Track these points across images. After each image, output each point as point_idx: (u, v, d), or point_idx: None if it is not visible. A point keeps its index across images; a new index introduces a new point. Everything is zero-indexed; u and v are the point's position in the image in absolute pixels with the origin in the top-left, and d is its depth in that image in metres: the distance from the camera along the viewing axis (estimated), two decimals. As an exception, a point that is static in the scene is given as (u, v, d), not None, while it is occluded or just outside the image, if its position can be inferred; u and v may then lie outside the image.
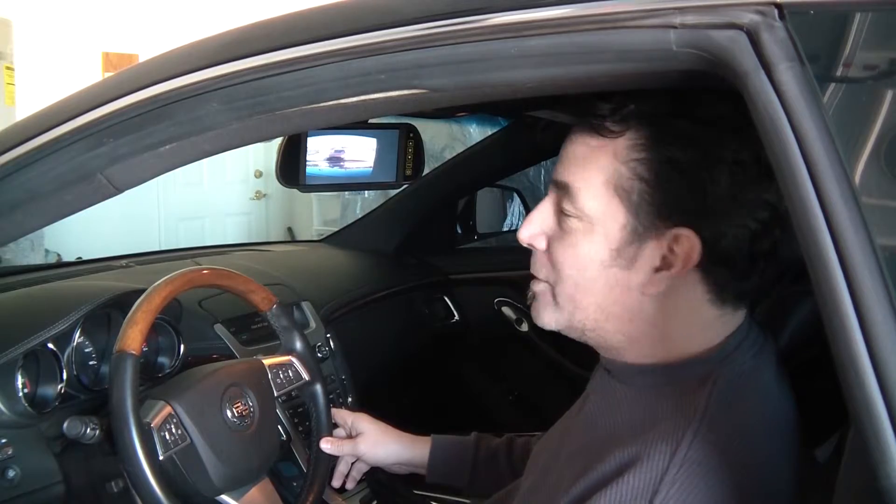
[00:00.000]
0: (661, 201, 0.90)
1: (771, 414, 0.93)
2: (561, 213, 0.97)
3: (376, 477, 1.80)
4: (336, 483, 1.58)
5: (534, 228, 1.01)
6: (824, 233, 0.63)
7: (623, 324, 0.97)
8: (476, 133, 4.04)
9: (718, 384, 0.90)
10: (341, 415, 1.59)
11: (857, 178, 0.64)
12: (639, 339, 0.98)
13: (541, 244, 1.01)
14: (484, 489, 1.46)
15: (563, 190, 0.96)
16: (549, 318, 1.02)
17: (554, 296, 1.00)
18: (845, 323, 0.62)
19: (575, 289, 0.98)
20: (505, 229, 2.63)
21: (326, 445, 1.52)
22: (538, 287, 1.03)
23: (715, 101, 0.86)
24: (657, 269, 0.93)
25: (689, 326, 0.95)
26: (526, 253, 1.06)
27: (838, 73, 0.69)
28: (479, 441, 1.51)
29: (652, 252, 0.93)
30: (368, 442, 1.53)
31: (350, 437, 1.55)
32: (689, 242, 0.90)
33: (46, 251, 4.79)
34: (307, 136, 1.60)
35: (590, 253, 0.95)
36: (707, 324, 0.95)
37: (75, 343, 1.42)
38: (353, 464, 1.58)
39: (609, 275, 0.95)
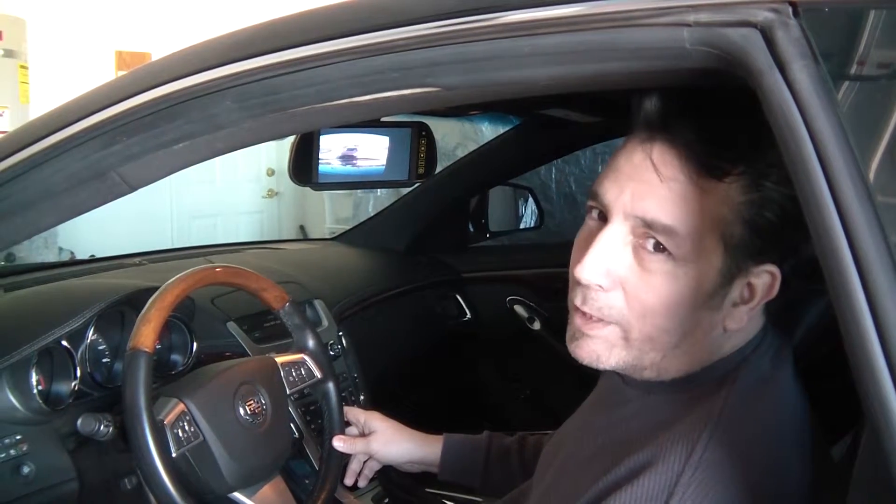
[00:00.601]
0: (759, 242, 0.87)
1: (787, 415, 0.92)
2: (642, 250, 0.89)
3: (388, 475, 1.80)
4: (348, 481, 1.59)
5: (601, 268, 0.90)
6: (839, 231, 0.63)
7: (681, 356, 0.94)
8: (488, 131, 4.04)
9: (736, 387, 0.89)
10: (353, 413, 1.59)
11: (871, 177, 0.64)
12: (674, 363, 0.95)
13: (606, 283, 0.91)
14: (496, 488, 1.46)
15: (659, 231, 0.87)
16: (615, 359, 0.94)
17: (628, 339, 0.92)
18: (859, 321, 0.61)
19: (656, 330, 0.91)
20: (517, 228, 2.63)
21: (339, 444, 1.52)
22: (601, 331, 0.93)
23: None
24: (734, 304, 0.91)
25: (719, 344, 0.94)
26: (538, 251, 1.05)
27: (853, 72, 0.69)
28: (491, 440, 1.51)
29: (736, 289, 0.90)
30: (381, 440, 1.53)
31: (362, 435, 1.55)
32: (771, 277, 0.89)
33: (60, 249, 4.81)
34: (320, 135, 1.60)
35: (681, 295, 0.88)
36: (734, 338, 0.94)
37: (89, 340, 1.43)
38: (365, 462, 1.58)
39: (697, 316, 0.90)
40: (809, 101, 0.65)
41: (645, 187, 0.87)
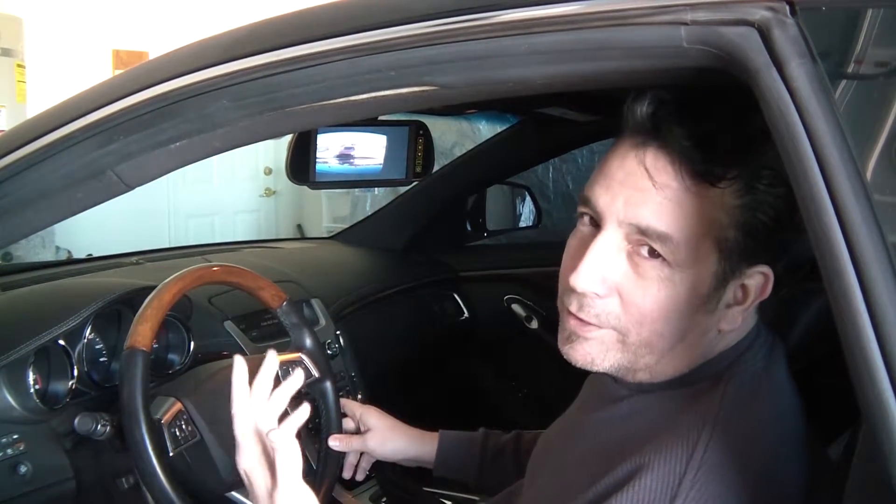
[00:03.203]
0: (752, 244, 0.87)
1: (783, 412, 0.92)
2: (637, 257, 0.89)
3: (386, 474, 1.80)
4: (346, 474, 1.58)
5: (595, 276, 0.90)
6: (836, 230, 0.63)
7: (676, 359, 0.95)
8: (486, 130, 4.03)
9: (731, 385, 0.90)
10: (350, 406, 1.59)
11: (868, 176, 0.64)
12: (668, 366, 0.96)
13: (602, 290, 0.90)
14: (491, 485, 1.45)
15: (654, 238, 0.87)
16: (610, 362, 0.94)
17: (625, 343, 0.92)
18: (857, 320, 0.61)
19: (654, 335, 0.91)
20: (515, 227, 2.63)
21: (335, 443, 1.51)
22: (598, 332, 0.93)
23: None
24: (728, 305, 0.91)
25: (715, 344, 0.95)
26: (535, 250, 1.04)
27: (850, 70, 0.69)
28: (487, 437, 1.51)
29: (729, 291, 0.90)
30: (377, 438, 1.53)
31: (359, 430, 1.55)
32: (764, 278, 0.89)
33: (57, 248, 4.80)
34: (317, 133, 1.60)
35: (678, 300, 0.88)
36: (729, 336, 0.95)
37: (86, 340, 1.43)
38: (361, 455, 1.58)
39: (693, 320, 0.90)
40: (807, 100, 0.65)
41: (639, 194, 0.87)
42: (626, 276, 0.90)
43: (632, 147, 0.89)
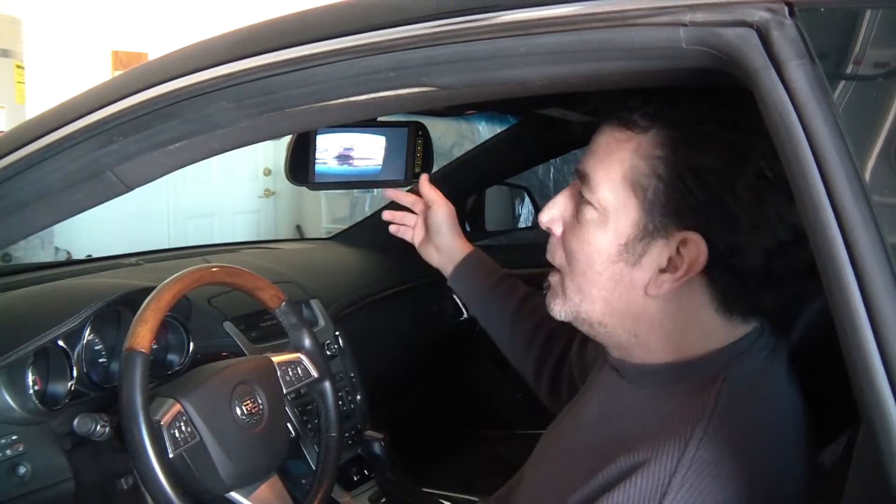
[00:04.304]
0: (676, 203, 0.89)
1: (781, 414, 0.92)
2: (580, 202, 0.97)
3: (385, 475, 1.80)
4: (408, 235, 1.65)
5: (554, 212, 1.02)
6: (835, 231, 0.63)
7: (628, 321, 0.97)
8: (485, 131, 4.04)
9: (728, 383, 0.89)
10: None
11: (867, 177, 0.64)
12: (645, 339, 0.98)
13: (558, 229, 1.02)
14: (485, 318, 1.55)
15: (584, 179, 0.96)
16: (558, 308, 1.03)
17: (564, 287, 1.01)
18: (856, 321, 0.61)
19: (583, 279, 0.98)
20: (514, 227, 2.62)
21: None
22: (552, 277, 1.04)
23: (751, 109, 0.80)
24: (662, 270, 0.92)
25: (694, 330, 0.95)
26: (535, 251, 1.06)
27: (849, 71, 0.69)
28: (505, 277, 1.58)
29: (659, 252, 0.92)
30: (442, 208, 1.57)
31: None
32: (696, 248, 0.90)
33: (56, 249, 4.80)
34: (316, 134, 1.60)
35: (599, 245, 0.95)
36: (715, 328, 0.95)
37: (85, 341, 1.43)
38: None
39: (615, 269, 0.95)
40: (806, 101, 0.65)
41: (589, 147, 0.98)
42: (571, 218, 1.00)
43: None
